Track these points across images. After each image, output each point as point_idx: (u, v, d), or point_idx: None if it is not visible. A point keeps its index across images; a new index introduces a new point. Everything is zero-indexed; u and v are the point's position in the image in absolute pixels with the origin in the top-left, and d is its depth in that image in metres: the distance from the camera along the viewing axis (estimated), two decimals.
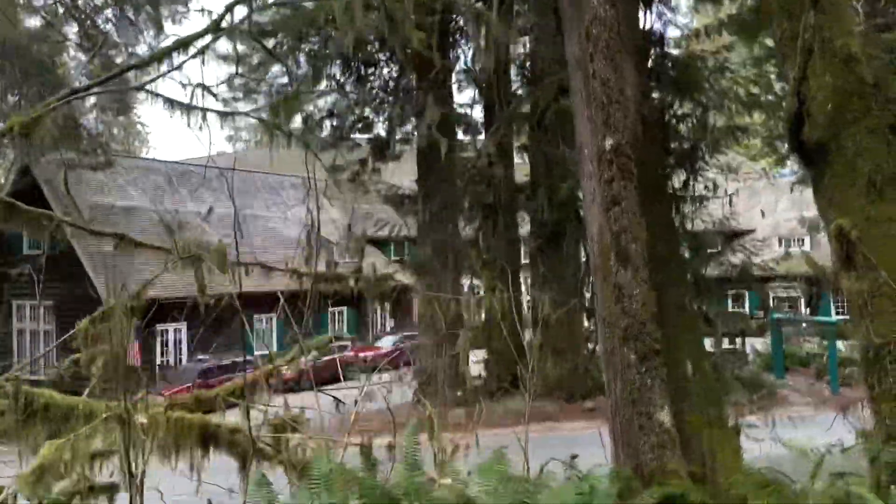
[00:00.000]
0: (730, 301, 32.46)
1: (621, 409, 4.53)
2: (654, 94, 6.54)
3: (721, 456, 4.54)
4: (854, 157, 4.34)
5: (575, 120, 5.26)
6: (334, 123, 18.76)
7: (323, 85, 19.10)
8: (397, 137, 18.43)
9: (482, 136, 17.87)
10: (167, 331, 23.01)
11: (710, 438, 4.53)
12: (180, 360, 23.24)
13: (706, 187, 10.81)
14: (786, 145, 20.14)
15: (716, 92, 9.76)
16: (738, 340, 22.49)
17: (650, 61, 6.22)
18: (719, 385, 5.53)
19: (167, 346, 23.39)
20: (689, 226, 6.79)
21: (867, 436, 4.15)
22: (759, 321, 23.94)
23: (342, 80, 19.00)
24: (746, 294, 31.75)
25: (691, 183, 7.42)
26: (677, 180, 6.61)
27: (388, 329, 30.11)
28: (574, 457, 4.56)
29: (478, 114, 19.01)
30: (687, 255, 6.00)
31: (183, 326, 22.72)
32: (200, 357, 20.32)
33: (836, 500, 3.35)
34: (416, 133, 17.02)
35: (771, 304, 31.11)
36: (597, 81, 4.34)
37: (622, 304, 4.27)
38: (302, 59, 18.65)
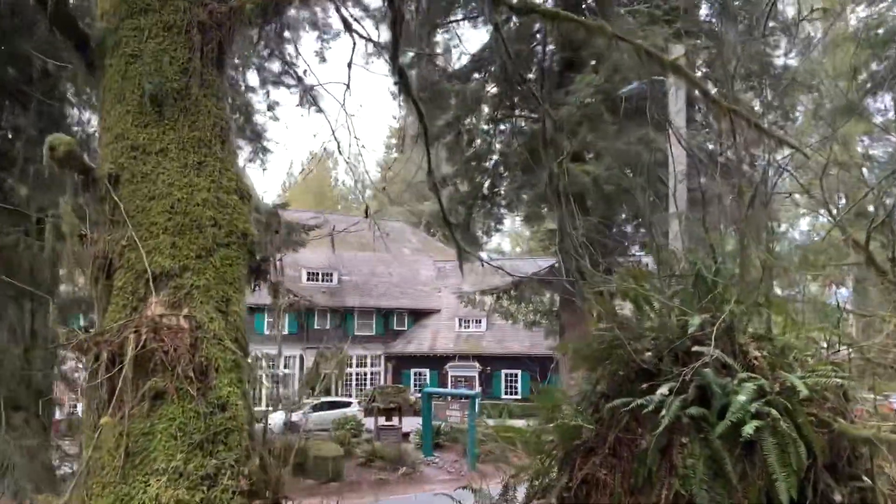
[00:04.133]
0: (412, 378, 32.31)
1: None
2: None
3: None
4: (132, 59, 2.89)
5: None
6: None
7: None
8: None
9: None
10: None
11: None
12: None
13: None
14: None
15: None
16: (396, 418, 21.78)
17: None
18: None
19: None
20: None
21: None
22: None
23: None
24: (427, 372, 31.95)
25: None
26: None
27: None
28: None
29: None
30: None
31: None
32: None
33: None
34: None
35: (450, 383, 31.51)
36: None
37: None
38: None
